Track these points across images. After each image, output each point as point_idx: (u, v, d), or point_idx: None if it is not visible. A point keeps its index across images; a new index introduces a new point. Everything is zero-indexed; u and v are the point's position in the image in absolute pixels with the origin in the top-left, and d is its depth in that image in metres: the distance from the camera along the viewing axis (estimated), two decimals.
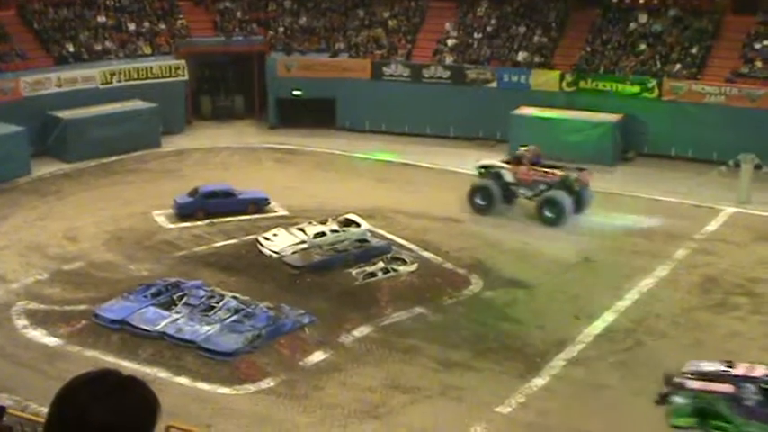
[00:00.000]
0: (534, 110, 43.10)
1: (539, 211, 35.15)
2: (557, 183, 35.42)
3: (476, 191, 35.98)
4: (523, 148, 36.84)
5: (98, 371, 3.13)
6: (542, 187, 35.63)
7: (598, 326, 26.73)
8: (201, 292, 27.36)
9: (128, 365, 23.54)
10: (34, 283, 29.32)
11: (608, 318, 27.21)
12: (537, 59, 45.51)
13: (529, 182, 35.89)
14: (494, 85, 45.34)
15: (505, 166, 36.58)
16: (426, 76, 46.38)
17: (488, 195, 35.81)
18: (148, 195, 37.33)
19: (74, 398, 3.01)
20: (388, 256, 31.18)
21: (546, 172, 35.88)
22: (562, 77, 44.26)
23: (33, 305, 27.62)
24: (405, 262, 30.78)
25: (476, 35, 47.45)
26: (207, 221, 34.40)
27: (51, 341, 25.51)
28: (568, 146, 40.85)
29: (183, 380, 23.47)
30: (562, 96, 43.74)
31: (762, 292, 29.05)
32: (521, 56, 45.86)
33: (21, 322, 26.60)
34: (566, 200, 35.01)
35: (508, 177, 36.17)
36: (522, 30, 46.93)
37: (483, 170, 36.79)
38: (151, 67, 46.42)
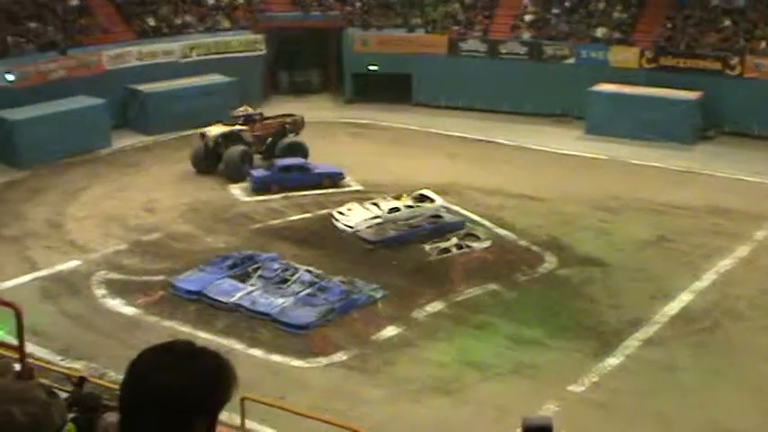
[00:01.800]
0: (613, 86, 42.50)
1: (287, 157, 37.13)
2: (281, 130, 38.62)
3: (243, 156, 36.92)
4: (240, 109, 38.95)
5: (171, 340, 3.16)
6: (269, 139, 38.33)
7: (675, 306, 26.34)
8: (276, 265, 27.62)
9: (204, 336, 23.91)
10: (113, 253, 29.88)
11: (685, 298, 26.80)
12: (616, 35, 44.82)
13: (263, 136, 38.18)
14: (572, 61, 44.77)
15: (243, 128, 38.06)
16: (503, 51, 45.99)
17: (251, 158, 37.45)
18: None
19: (139, 363, 3.07)
20: (462, 232, 31.10)
21: (279, 122, 38.76)
22: (642, 54, 43.54)
23: (112, 275, 28.18)
24: (478, 238, 30.67)
25: (554, 10, 46.88)
26: (282, 195, 34.66)
27: (129, 311, 26.01)
28: (647, 123, 40.27)
29: (258, 352, 23.75)
30: (642, 73, 43.02)
31: None
32: (599, 32, 45.19)
33: (100, 291, 27.16)
34: (301, 141, 38.29)
35: (248, 138, 37.80)
36: (602, 5, 46.24)
37: (221, 139, 37.44)
38: (230, 41, 46.83)
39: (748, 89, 40.90)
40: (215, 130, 37.61)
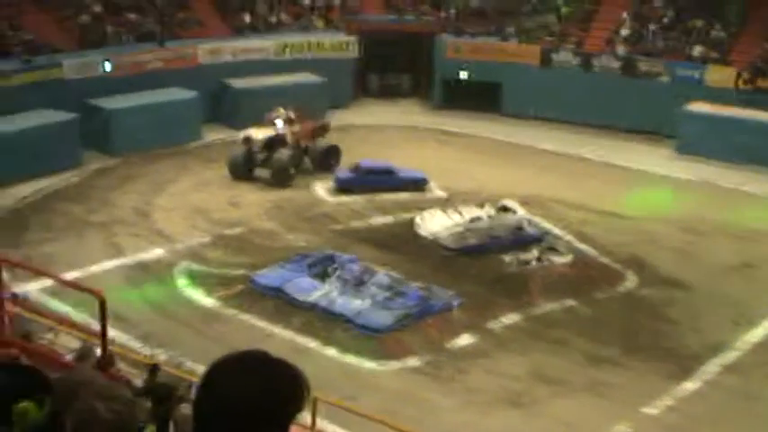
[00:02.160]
0: (707, 107, 41.74)
1: (322, 161, 36.94)
2: (315, 133, 37.63)
3: (292, 160, 36.23)
4: (275, 114, 37.09)
5: (246, 350, 3.21)
6: (302, 143, 37.11)
7: (758, 333, 25.79)
8: (355, 267, 27.72)
9: (280, 333, 24.17)
10: (197, 245, 30.34)
11: None
12: (713, 55, 44.03)
13: (299, 139, 36.92)
14: (666, 78, 44.10)
15: (287, 131, 36.92)
16: (596, 65, 45.52)
17: (298, 161, 36.75)
18: None
19: (214, 370, 3.13)
20: (543, 245, 30.88)
21: (314, 126, 37.63)
22: (739, 75, 42.69)
23: (195, 266, 28.60)
24: (559, 252, 30.42)
25: (651, 26, 46.27)
26: (365, 197, 34.79)
27: (209, 302, 26.37)
28: (740, 146, 39.37)
29: (332, 351, 23.87)
30: (738, 94, 42.18)
31: None
32: (696, 50, 44.44)
33: (182, 281, 27.61)
34: (337, 145, 37.38)
35: (289, 139, 36.76)
36: (700, 23, 45.48)
37: (265, 143, 36.52)
38: (323, 42, 47.18)
39: None
40: (260, 134, 36.75)
